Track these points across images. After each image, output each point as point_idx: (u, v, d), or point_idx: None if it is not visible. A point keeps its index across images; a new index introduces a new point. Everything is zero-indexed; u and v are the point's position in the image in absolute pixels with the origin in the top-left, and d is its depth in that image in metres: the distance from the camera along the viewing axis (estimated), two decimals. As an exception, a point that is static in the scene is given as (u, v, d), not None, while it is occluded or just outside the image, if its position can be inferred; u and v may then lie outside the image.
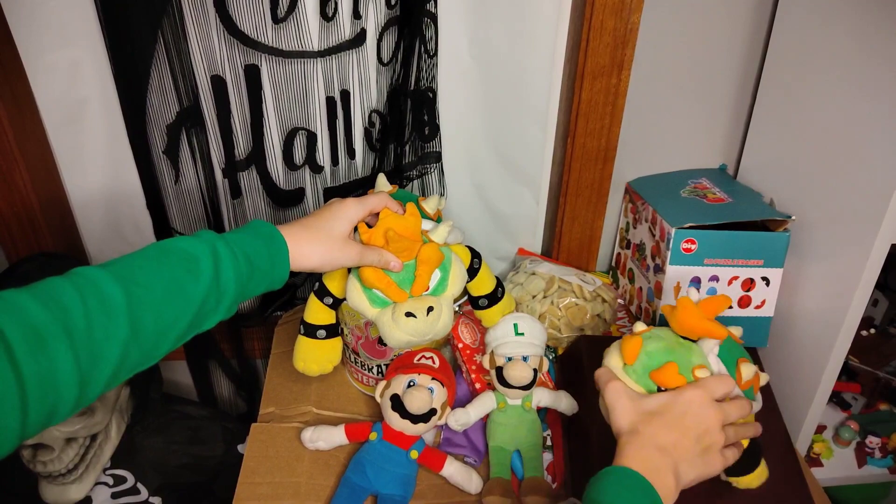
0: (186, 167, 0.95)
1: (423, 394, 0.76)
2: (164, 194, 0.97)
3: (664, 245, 0.90)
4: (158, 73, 0.87)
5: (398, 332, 0.71)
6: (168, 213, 0.99)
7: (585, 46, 0.90)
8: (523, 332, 0.82)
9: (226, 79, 0.88)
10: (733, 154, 1.08)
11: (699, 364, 0.62)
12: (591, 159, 0.99)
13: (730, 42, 0.98)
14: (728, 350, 0.66)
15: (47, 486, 0.89)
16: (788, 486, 0.75)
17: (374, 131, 0.97)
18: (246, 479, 0.77)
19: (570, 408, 0.83)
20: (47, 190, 0.96)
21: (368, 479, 0.75)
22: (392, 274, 0.71)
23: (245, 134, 0.93)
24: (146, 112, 0.89)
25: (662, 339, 0.64)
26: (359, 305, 0.72)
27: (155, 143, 0.92)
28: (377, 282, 0.70)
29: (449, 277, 0.74)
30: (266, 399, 0.89)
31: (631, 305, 1.04)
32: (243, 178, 0.96)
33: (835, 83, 0.83)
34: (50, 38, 0.86)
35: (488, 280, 0.84)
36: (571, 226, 1.06)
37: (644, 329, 0.66)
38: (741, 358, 0.67)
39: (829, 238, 0.85)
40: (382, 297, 0.72)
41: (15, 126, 0.88)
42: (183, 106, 0.89)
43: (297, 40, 0.87)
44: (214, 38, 0.85)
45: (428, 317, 0.71)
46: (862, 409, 1.07)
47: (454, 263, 0.75)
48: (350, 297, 0.73)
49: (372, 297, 0.72)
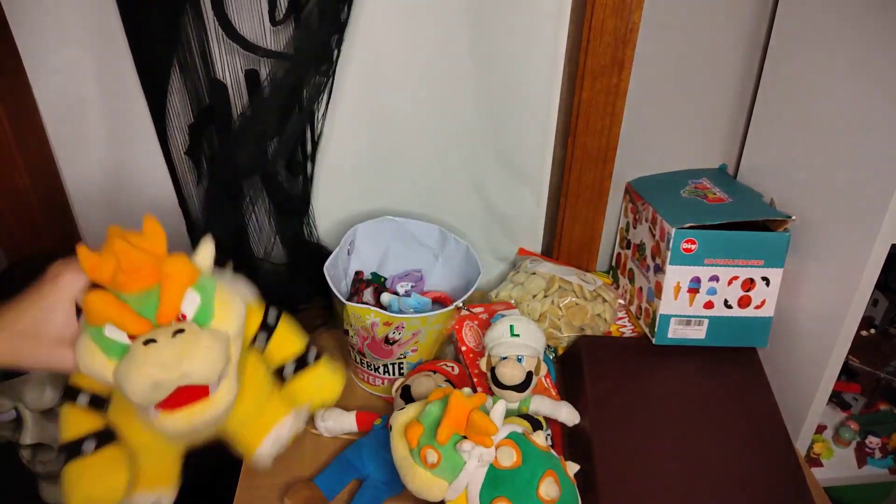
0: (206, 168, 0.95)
1: (429, 382, 0.78)
2: (188, 195, 0.97)
3: (664, 245, 0.90)
4: (177, 74, 0.87)
5: (135, 369, 0.51)
6: (191, 215, 0.98)
7: (586, 46, 0.90)
8: (519, 333, 0.82)
9: (225, 83, 0.88)
10: (733, 154, 1.08)
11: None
12: (591, 159, 0.99)
13: (730, 42, 0.98)
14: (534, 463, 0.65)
15: (47, 486, 0.88)
16: (788, 486, 0.75)
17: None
18: (246, 482, 0.77)
19: (571, 418, 0.82)
20: (47, 190, 0.95)
21: (362, 460, 0.77)
22: (129, 299, 0.54)
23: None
24: (166, 114, 0.90)
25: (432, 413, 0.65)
26: (93, 366, 0.54)
27: (176, 144, 0.92)
28: (106, 311, 0.52)
29: (213, 303, 0.56)
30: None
31: (631, 305, 1.04)
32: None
33: (835, 83, 0.83)
34: (50, 37, 0.86)
35: (291, 338, 0.67)
36: (572, 226, 1.06)
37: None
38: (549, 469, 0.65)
39: (829, 238, 0.85)
40: (119, 340, 0.54)
41: (14, 126, 0.88)
42: (203, 105, 0.89)
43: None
44: (213, 42, 0.85)
45: (175, 339, 0.52)
46: (862, 409, 1.07)
47: (221, 286, 0.58)
48: (82, 362, 0.54)
49: (106, 347, 0.53)
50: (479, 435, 0.63)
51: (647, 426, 0.82)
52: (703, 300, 0.91)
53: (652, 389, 0.88)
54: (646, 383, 0.89)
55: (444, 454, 0.63)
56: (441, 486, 0.64)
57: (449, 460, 0.63)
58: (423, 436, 0.64)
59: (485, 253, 1.14)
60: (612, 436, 0.79)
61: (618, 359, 0.91)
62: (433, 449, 0.63)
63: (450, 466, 0.63)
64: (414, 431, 0.64)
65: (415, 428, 0.64)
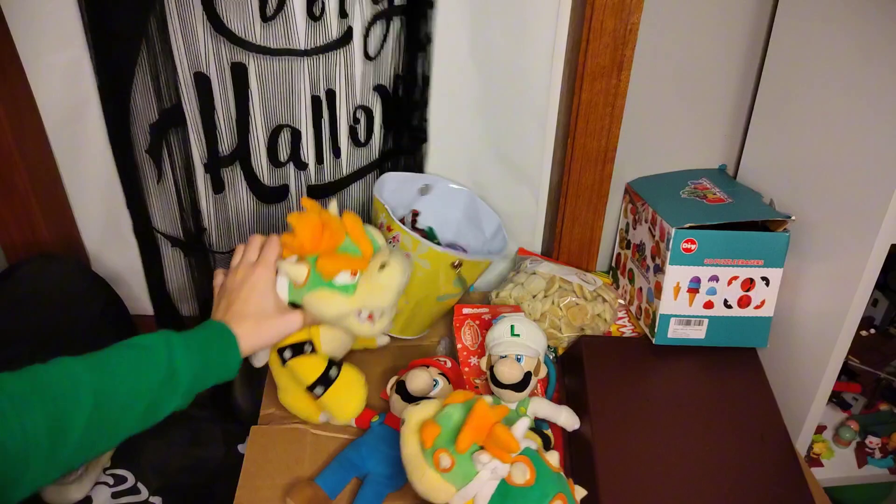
0: (167, 166, 0.96)
1: (425, 376, 0.78)
2: (146, 194, 0.98)
3: (664, 245, 0.90)
4: (143, 72, 0.87)
5: (388, 286, 0.70)
6: (150, 213, 1.00)
7: (585, 47, 0.90)
8: (519, 333, 0.82)
9: (210, 76, 0.89)
10: (733, 154, 1.08)
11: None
12: (591, 160, 0.99)
13: (730, 42, 0.98)
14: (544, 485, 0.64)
15: (47, 486, 0.88)
16: (788, 486, 0.75)
17: (360, 128, 0.97)
18: (246, 482, 0.77)
19: (570, 423, 0.82)
20: (47, 191, 0.95)
21: (362, 457, 0.77)
22: (340, 252, 0.71)
23: (230, 130, 0.94)
24: (130, 112, 0.90)
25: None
26: (337, 307, 0.71)
27: (138, 142, 0.93)
28: (338, 263, 0.69)
29: (372, 233, 0.75)
30: (266, 400, 0.88)
31: (631, 305, 1.04)
32: (226, 174, 0.97)
33: (835, 83, 0.83)
34: (49, 39, 0.86)
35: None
36: (572, 226, 1.06)
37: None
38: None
39: (829, 238, 0.85)
40: (347, 283, 0.71)
41: (14, 127, 0.88)
42: (166, 105, 0.89)
43: (286, 39, 0.88)
44: (200, 36, 0.86)
45: (394, 259, 0.71)
46: (862, 410, 1.07)
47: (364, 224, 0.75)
48: (324, 309, 0.71)
49: (342, 289, 0.70)
50: (499, 449, 0.62)
51: (647, 426, 0.82)
52: (702, 300, 0.91)
53: (652, 389, 0.88)
54: (646, 383, 0.89)
55: (458, 460, 0.62)
56: (449, 490, 0.63)
57: (462, 467, 0.62)
58: (440, 437, 0.63)
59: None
60: (612, 436, 0.79)
61: (618, 359, 0.91)
62: (448, 453, 0.62)
63: (462, 473, 0.62)
64: (430, 432, 0.62)
65: (431, 428, 0.63)
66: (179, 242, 1.03)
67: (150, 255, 1.04)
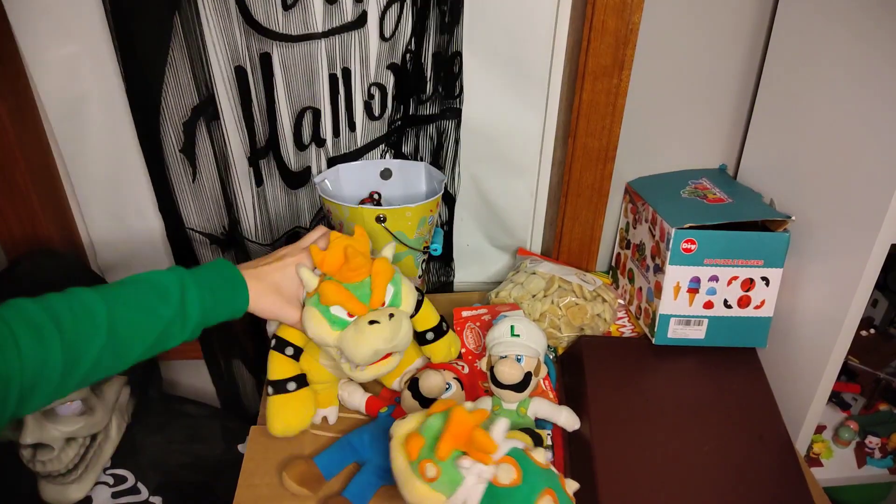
0: (204, 164, 0.96)
1: (438, 378, 0.79)
2: (178, 195, 0.98)
3: (664, 245, 0.90)
4: (174, 71, 0.87)
5: (364, 342, 0.71)
6: (182, 214, 1.00)
7: (586, 47, 0.90)
8: (519, 333, 0.82)
9: (246, 68, 0.89)
10: (733, 154, 1.08)
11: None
12: (591, 159, 0.99)
13: (730, 42, 0.98)
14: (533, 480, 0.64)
15: (47, 485, 0.88)
16: (788, 486, 0.75)
17: (374, 103, 0.98)
18: (245, 482, 0.77)
19: (570, 423, 0.82)
20: (47, 188, 0.95)
21: (364, 443, 0.78)
22: (350, 288, 0.73)
23: (263, 121, 0.94)
24: (160, 112, 0.90)
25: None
26: (319, 333, 0.73)
27: (171, 143, 0.93)
28: (338, 296, 0.71)
29: (402, 292, 0.76)
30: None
31: (631, 305, 1.04)
32: (263, 165, 0.97)
33: (835, 83, 0.83)
34: (50, 33, 0.86)
35: (432, 314, 0.85)
36: (572, 226, 1.06)
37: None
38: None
39: (829, 238, 0.85)
40: (341, 317, 0.73)
41: (15, 122, 0.88)
42: (198, 102, 0.90)
43: (304, 24, 0.88)
44: (235, 30, 0.86)
45: (391, 322, 0.72)
46: (862, 410, 1.07)
47: (403, 279, 0.78)
48: (310, 328, 0.73)
49: (331, 320, 0.73)
50: (479, 452, 0.62)
51: (646, 426, 0.82)
52: (702, 300, 0.91)
53: (651, 389, 0.88)
54: (645, 383, 0.89)
55: (443, 469, 0.62)
56: (439, 499, 0.63)
57: (448, 475, 0.62)
58: (424, 448, 0.63)
59: (484, 250, 1.15)
60: (612, 436, 0.79)
61: (618, 359, 0.91)
62: (432, 463, 0.62)
63: (448, 481, 0.63)
64: (414, 444, 0.63)
65: (415, 440, 0.63)
66: (217, 240, 1.03)
67: (184, 256, 1.04)
